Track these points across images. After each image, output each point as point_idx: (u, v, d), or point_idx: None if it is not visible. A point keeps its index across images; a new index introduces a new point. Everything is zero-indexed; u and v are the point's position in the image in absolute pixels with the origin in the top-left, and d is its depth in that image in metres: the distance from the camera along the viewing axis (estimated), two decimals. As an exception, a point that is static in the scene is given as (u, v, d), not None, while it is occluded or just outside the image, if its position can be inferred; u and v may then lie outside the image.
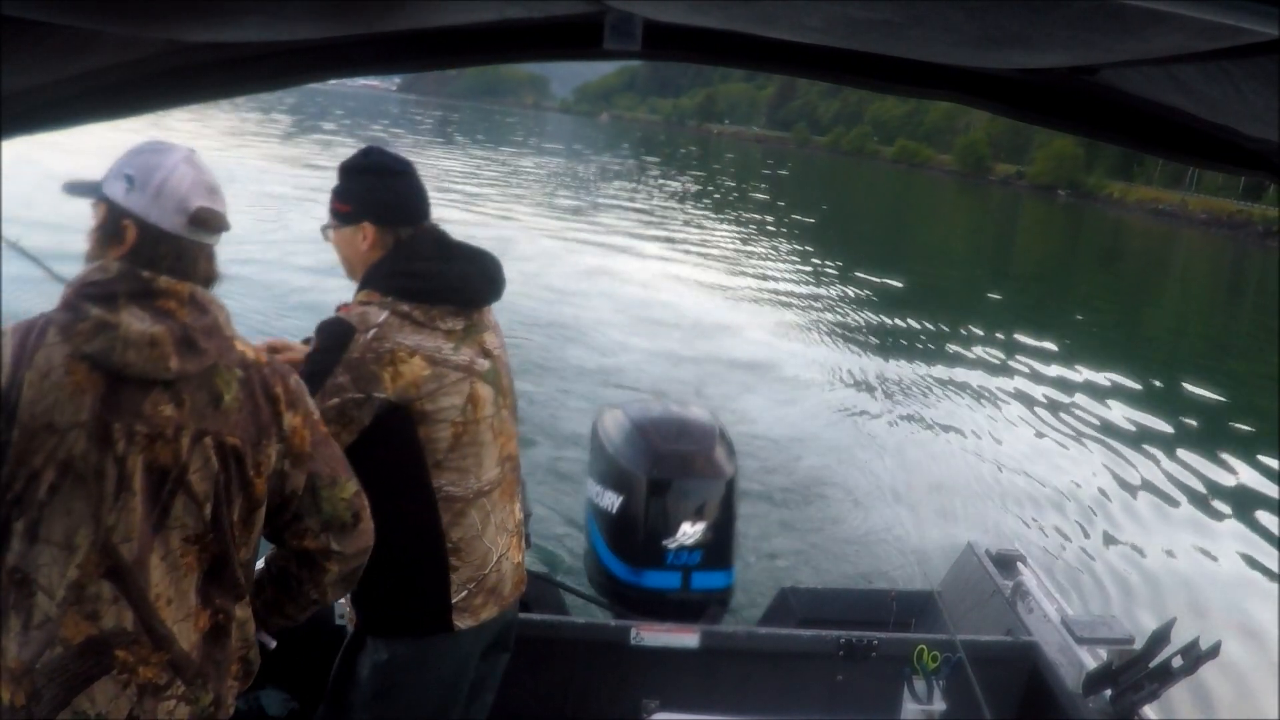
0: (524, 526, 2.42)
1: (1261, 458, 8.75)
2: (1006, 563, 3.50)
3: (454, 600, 2.12)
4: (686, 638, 2.93)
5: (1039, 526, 6.64)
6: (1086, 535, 6.62)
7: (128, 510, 1.53)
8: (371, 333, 2.01)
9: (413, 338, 2.03)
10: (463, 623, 2.14)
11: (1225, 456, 8.73)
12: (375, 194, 2.12)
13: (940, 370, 10.95)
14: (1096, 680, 2.81)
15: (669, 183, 37.86)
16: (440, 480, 2.09)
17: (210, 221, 1.59)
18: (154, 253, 1.56)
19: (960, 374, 10.87)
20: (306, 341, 2.21)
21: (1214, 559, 6.54)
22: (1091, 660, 2.89)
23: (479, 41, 1.36)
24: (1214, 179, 59.03)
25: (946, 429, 8.65)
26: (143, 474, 1.53)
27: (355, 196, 2.13)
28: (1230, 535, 6.98)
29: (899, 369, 10.82)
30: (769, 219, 28.35)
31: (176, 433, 1.56)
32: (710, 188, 39.22)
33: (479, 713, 2.39)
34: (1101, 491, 7.50)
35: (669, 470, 3.13)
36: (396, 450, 2.06)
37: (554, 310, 11.37)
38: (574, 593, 3.51)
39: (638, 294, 13.33)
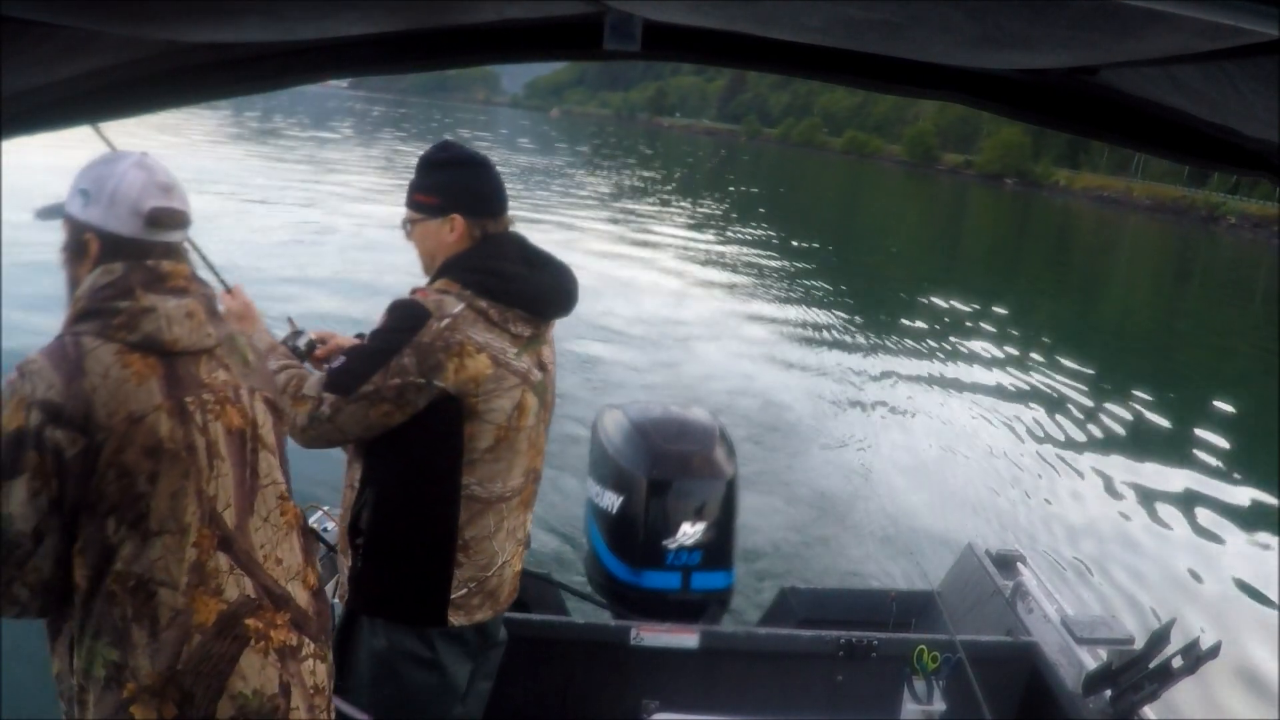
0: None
1: (1262, 458, 8.74)
2: (1006, 563, 3.50)
3: (453, 595, 2.13)
4: (686, 638, 2.92)
5: (1039, 526, 6.64)
6: (1086, 535, 6.62)
7: (223, 477, 1.57)
8: (445, 321, 2.02)
9: (484, 334, 2.04)
10: (457, 620, 2.15)
11: (1225, 457, 8.73)
12: (463, 186, 2.14)
13: (940, 370, 10.95)
14: (1096, 680, 2.81)
15: (619, 178, 37.71)
16: (469, 479, 2.10)
17: (166, 219, 1.61)
18: (115, 259, 1.58)
19: (959, 374, 10.87)
20: (359, 337, 2.25)
21: (1214, 559, 6.54)
22: (1091, 660, 2.89)
23: (479, 41, 1.36)
24: (1158, 165, 60.24)
25: (946, 429, 8.65)
26: (225, 439, 1.58)
27: (442, 189, 2.14)
28: (1230, 535, 6.98)
29: (898, 369, 10.82)
30: (731, 215, 28.33)
31: (237, 393, 1.62)
32: (664, 185, 39.11)
33: (476, 704, 2.39)
34: (1101, 491, 7.50)
35: (669, 470, 3.13)
36: (438, 440, 2.07)
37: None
38: (574, 593, 3.51)
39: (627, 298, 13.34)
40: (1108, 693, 2.80)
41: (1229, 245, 43.51)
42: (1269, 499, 7.72)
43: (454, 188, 2.14)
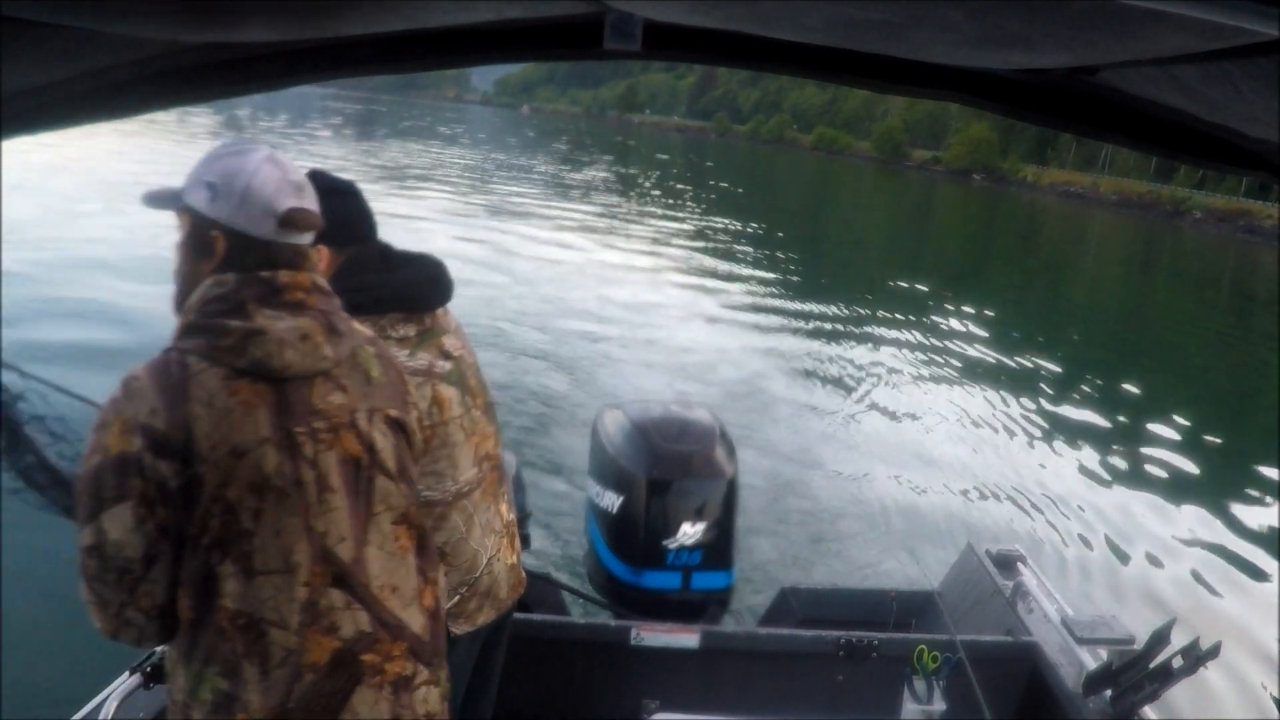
0: (522, 528, 2.41)
1: (1262, 457, 8.75)
2: (1006, 563, 3.50)
3: (448, 606, 2.12)
4: (686, 638, 2.92)
5: (1039, 526, 6.64)
6: (1086, 535, 6.62)
7: (333, 510, 1.48)
8: None
9: None
10: (458, 629, 2.13)
11: (1226, 457, 8.73)
12: (325, 217, 2.11)
13: (940, 370, 10.95)
14: (1097, 680, 2.81)
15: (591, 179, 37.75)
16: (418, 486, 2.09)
17: (301, 221, 1.51)
18: (244, 262, 1.48)
19: (963, 377, 10.87)
20: None
21: (1214, 558, 6.54)
22: (1092, 660, 2.89)
23: (478, 41, 1.36)
24: (1125, 161, 60.77)
25: (946, 429, 8.65)
26: (338, 469, 1.49)
27: None
28: (1230, 535, 6.98)
29: (899, 368, 10.82)
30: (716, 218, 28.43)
31: (353, 417, 1.53)
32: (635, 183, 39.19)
33: (485, 706, 2.39)
34: (1102, 491, 7.50)
35: (669, 470, 3.13)
36: None
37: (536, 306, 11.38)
38: (574, 593, 3.51)
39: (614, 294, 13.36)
40: (1108, 692, 2.80)
41: (1194, 239, 43.99)
42: (1269, 499, 7.73)
43: None
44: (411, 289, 2.14)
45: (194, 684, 1.45)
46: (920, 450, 8.00)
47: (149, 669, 2.20)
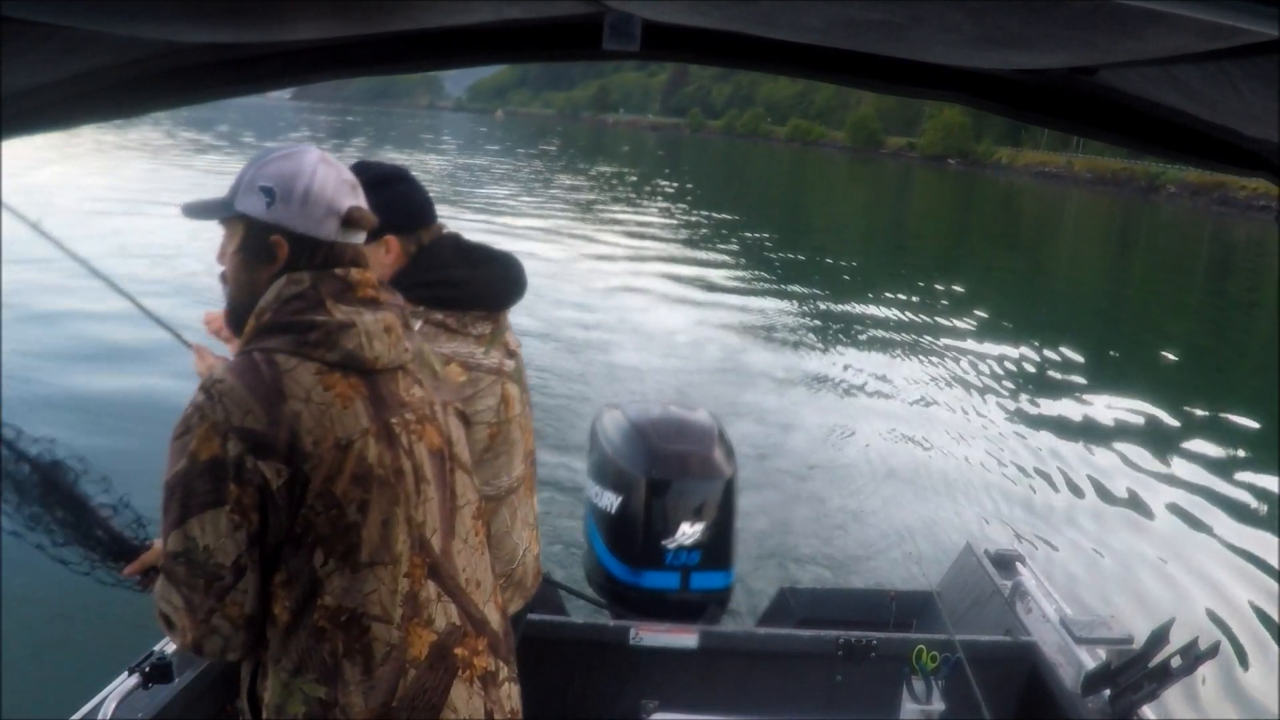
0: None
1: (1262, 458, 8.75)
2: (1006, 563, 3.50)
3: None
4: (686, 638, 2.93)
5: (1039, 526, 6.64)
6: (1085, 535, 6.62)
7: (429, 501, 1.49)
8: None
9: (448, 345, 2.03)
10: None
11: (1226, 458, 8.73)
12: (389, 205, 2.06)
13: (939, 370, 10.96)
14: (1095, 680, 2.81)
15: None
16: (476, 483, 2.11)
17: (361, 219, 1.51)
18: (310, 264, 1.47)
19: (959, 374, 10.88)
20: None
21: (1214, 559, 6.54)
22: (1090, 660, 2.89)
23: (478, 42, 1.36)
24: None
25: (945, 428, 8.65)
26: (428, 460, 1.50)
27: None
28: (1230, 535, 6.98)
29: (898, 369, 10.82)
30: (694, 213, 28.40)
31: (433, 410, 1.54)
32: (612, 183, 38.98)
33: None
34: (1101, 492, 7.50)
35: (668, 470, 3.13)
36: None
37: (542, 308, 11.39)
38: (573, 593, 3.51)
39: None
40: (1107, 692, 2.80)
41: (1169, 213, 44.31)
42: (1269, 498, 7.73)
43: (380, 209, 2.12)
44: (493, 287, 2.15)
45: (281, 698, 1.42)
46: (920, 450, 8.00)
47: (148, 669, 2.20)
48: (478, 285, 2.11)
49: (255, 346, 1.42)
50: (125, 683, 2.18)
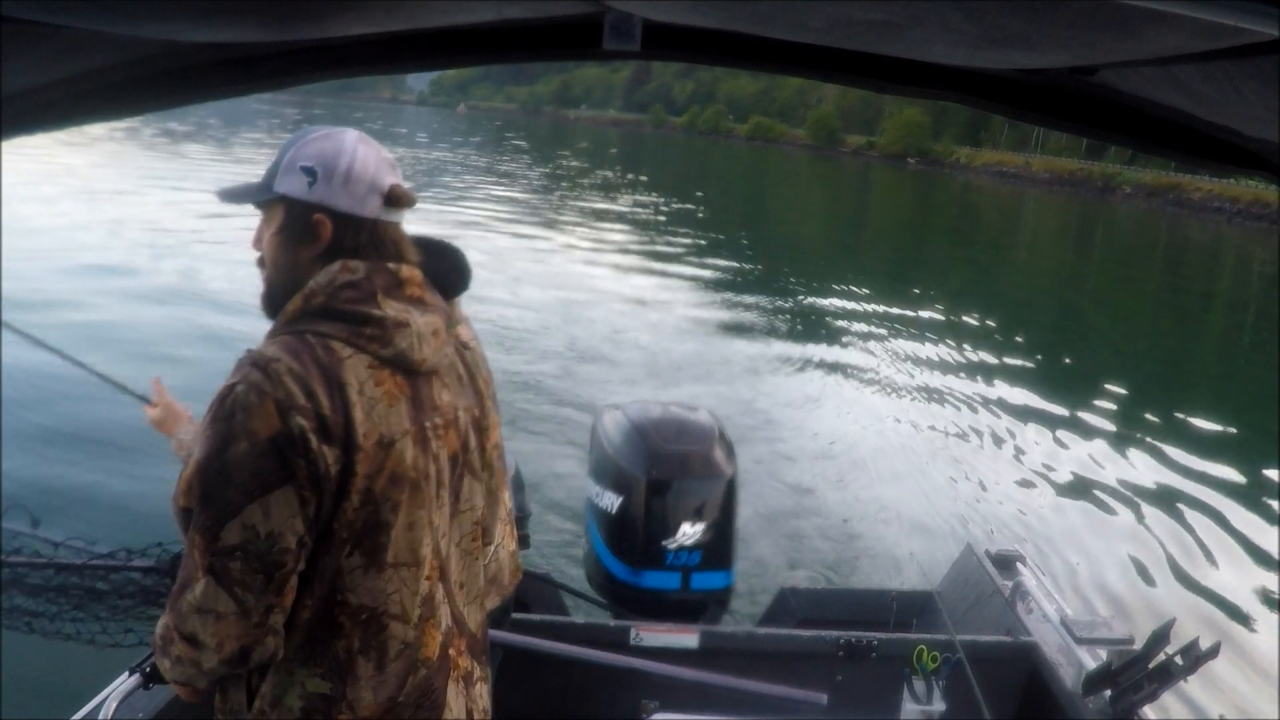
0: (522, 528, 2.42)
1: (1263, 458, 8.75)
2: (1006, 563, 3.50)
3: None
4: (686, 638, 2.93)
5: (1039, 526, 6.64)
6: (1086, 535, 6.62)
7: (443, 506, 1.49)
8: None
9: None
10: None
11: (1226, 458, 8.73)
12: None
13: (939, 369, 10.96)
14: (1096, 680, 2.81)
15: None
16: None
17: (403, 197, 1.49)
18: (355, 242, 1.45)
19: (959, 373, 10.88)
20: None
21: (1214, 559, 6.54)
22: (1091, 660, 2.89)
23: (478, 41, 1.36)
24: (1057, 140, 61.97)
25: (945, 428, 8.65)
26: (447, 464, 1.50)
27: None
28: (1230, 535, 6.98)
29: (899, 368, 10.82)
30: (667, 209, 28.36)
31: (456, 415, 1.53)
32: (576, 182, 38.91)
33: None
34: (1102, 492, 7.50)
35: (668, 471, 3.13)
36: None
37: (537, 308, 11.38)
38: (573, 593, 3.51)
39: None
40: (1107, 693, 2.80)
41: (1125, 213, 44.69)
42: (1269, 498, 7.72)
43: None
44: (438, 278, 2.14)
45: (279, 690, 1.40)
46: (920, 450, 8.00)
47: (149, 669, 2.19)
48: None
49: (307, 328, 1.39)
50: (125, 683, 2.18)
